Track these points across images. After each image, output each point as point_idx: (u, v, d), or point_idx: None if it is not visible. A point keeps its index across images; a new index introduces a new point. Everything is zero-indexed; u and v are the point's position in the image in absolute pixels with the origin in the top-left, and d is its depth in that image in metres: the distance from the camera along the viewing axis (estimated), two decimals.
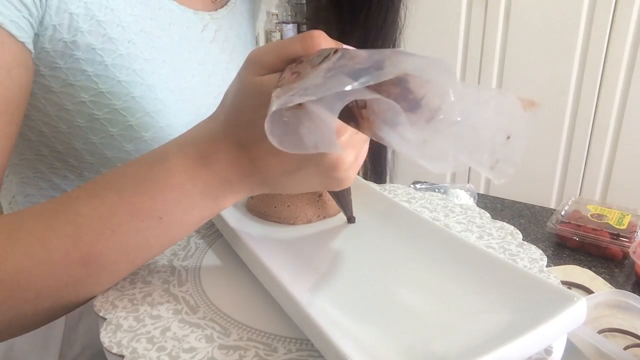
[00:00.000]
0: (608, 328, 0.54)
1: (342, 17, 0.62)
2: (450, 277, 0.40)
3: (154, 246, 0.39)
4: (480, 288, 0.38)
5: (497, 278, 0.38)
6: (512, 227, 0.48)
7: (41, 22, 0.45)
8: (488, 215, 0.51)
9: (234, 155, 0.36)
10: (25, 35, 0.43)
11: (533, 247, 0.45)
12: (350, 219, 0.49)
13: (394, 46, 0.65)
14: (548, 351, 0.34)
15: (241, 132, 0.36)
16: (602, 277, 0.66)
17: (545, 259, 0.43)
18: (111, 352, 0.34)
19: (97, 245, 0.36)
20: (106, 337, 0.36)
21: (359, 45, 0.31)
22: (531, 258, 0.43)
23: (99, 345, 0.35)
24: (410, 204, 0.54)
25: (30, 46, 0.44)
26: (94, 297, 0.40)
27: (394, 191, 0.57)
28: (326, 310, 0.37)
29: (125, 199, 0.37)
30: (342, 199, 0.48)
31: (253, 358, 0.34)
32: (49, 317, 0.39)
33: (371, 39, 0.62)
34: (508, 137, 0.29)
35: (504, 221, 0.49)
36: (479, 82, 1.77)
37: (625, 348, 0.52)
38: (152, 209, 0.37)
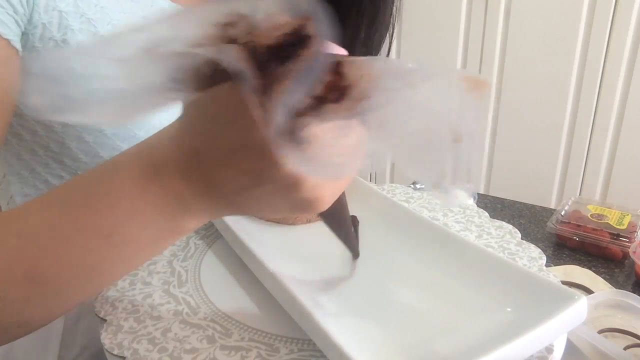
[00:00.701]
0: (608, 328, 0.54)
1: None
2: (451, 276, 0.40)
3: (105, 267, 0.33)
4: (481, 287, 0.38)
5: (498, 277, 0.38)
6: (510, 226, 0.48)
7: (30, 21, 0.44)
8: (486, 214, 0.51)
9: (184, 165, 0.30)
10: (10, 33, 0.43)
11: (532, 246, 0.45)
12: (354, 255, 0.43)
13: (390, 44, 0.64)
14: (549, 349, 0.34)
15: (194, 134, 0.30)
16: (602, 277, 0.66)
17: (545, 257, 0.43)
18: (112, 354, 0.34)
19: (42, 261, 0.32)
20: (107, 339, 0.36)
21: (350, 43, 0.28)
22: (530, 257, 0.43)
23: (98, 345, 0.35)
24: (409, 203, 0.54)
25: (17, 44, 0.44)
26: (59, 317, 0.36)
27: (392, 191, 0.57)
28: (327, 309, 0.37)
29: (70, 213, 0.32)
30: (337, 229, 0.39)
31: (255, 358, 0.34)
32: (11, 335, 0.35)
33: (363, 35, 0.62)
34: (456, 140, 0.22)
35: (503, 221, 0.50)
36: None
37: (625, 348, 0.52)
38: (98, 225, 0.32)
